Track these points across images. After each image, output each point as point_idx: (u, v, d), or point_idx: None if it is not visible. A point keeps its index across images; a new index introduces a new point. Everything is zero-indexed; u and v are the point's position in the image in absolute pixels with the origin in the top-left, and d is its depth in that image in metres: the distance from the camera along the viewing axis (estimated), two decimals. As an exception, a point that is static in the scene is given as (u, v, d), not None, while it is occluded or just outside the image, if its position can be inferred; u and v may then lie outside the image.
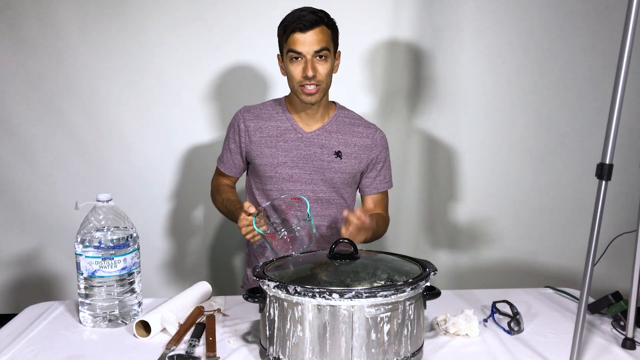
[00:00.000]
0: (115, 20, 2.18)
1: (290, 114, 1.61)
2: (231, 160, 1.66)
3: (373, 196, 1.68)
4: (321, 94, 1.53)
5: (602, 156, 1.03)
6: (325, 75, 1.50)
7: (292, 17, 1.48)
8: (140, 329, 1.23)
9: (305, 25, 1.45)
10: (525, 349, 1.18)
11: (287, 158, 1.58)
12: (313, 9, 1.49)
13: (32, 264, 2.30)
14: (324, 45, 1.48)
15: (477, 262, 2.42)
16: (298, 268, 1.19)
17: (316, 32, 1.46)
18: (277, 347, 1.07)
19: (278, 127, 1.60)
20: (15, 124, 2.22)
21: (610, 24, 2.24)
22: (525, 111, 2.35)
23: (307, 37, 1.46)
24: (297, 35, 1.46)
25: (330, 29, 1.51)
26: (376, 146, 1.64)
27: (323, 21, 1.48)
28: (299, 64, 1.48)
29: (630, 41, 0.99)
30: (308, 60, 1.47)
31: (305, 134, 1.60)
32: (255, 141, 1.60)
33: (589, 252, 1.03)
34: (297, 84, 1.51)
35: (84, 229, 1.27)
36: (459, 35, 2.26)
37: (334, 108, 1.65)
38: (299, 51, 1.47)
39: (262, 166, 1.59)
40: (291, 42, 1.47)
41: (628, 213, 1.66)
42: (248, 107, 1.65)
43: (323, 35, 1.48)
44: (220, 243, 2.37)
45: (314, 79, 1.48)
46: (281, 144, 1.59)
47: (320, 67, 1.49)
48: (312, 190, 1.60)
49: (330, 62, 1.51)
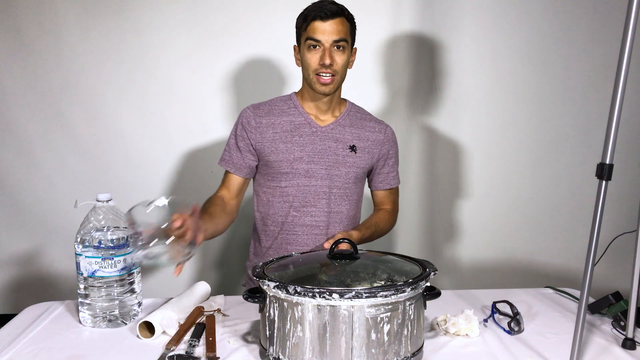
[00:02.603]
0: (115, 20, 2.18)
1: (304, 109, 1.61)
2: (241, 159, 1.60)
3: (385, 192, 1.70)
4: (335, 84, 1.54)
5: (602, 156, 1.03)
6: (341, 65, 1.52)
7: (313, 6, 1.51)
8: (144, 330, 1.23)
9: (327, 14, 1.47)
10: (526, 349, 1.18)
11: (303, 153, 1.57)
12: (333, 2, 1.51)
13: (32, 264, 2.30)
14: (342, 36, 1.49)
15: (477, 262, 2.42)
16: (298, 268, 1.19)
17: (336, 22, 1.48)
18: (277, 347, 1.07)
19: (292, 122, 1.59)
20: (15, 124, 2.22)
21: (610, 24, 2.24)
22: (525, 111, 2.35)
23: (327, 26, 1.48)
24: (317, 23, 1.48)
25: (350, 22, 1.53)
26: (388, 141, 1.66)
27: (344, 13, 1.51)
28: (317, 52, 1.50)
29: (630, 41, 0.99)
30: (326, 49, 1.49)
31: (320, 128, 1.59)
32: (268, 137, 1.57)
33: (589, 252, 1.03)
34: (313, 72, 1.51)
35: (83, 229, 1.27)
36: (460, 33, 2.26)
37: (344, 104, 1.66)
38: (317, 39, 1.48)
39: (278, 162, 1.56)
40: (311, 30, 1.49)
41: (628, 213, 1.66)
42: (257, 105, 1.64)
43: (343, 26, 1.50)
44: (220, 243, 2.36)
45: (331, 67, 1.50)
46: (296, 139, 1.58)
47: (338, 57, 1.50)
48: (328, 185, 1.58)
49: (347, 54, 1.53)
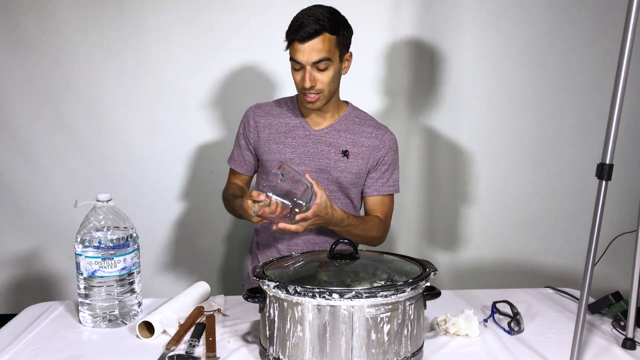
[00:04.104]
0: (115, 19, 2.17)
1: (301, 112, 1.61)
2: (241, 156, 1.67)
3: (373, 198, 1.64)
4: (323, 101, 1.52)
5: (602, 156, 1.03)
6: (326, 83, 1.48)
7: (295, 23, 1.45)
8: (144, 330, 1.23)
9: (303, 36, 1.42)
10: (526, 349, 1.18)
11: (294, 154, 1.58)
12: (318, 14, 1.44)
13: (32, 264, 2.30)
14: (323, 56, 1.44)
15: (477, 262, 2.42)
16: (298, 268, 1.19)
17: (316, 42, 1.43)
18: (277, 347, 1.07)
19: (287, 124, 1.60)
20: (15, 124, 2.22)
21: (610, 24, 2.24)
22: (525, 111, 2.35)
23: (306, 47, 1.43)
24: (297, 45, 1.44)
25: (335, 34, 1.45)
26: (383, 147, 1.61)
27: (325, 29, 1.43)
28: (299, 73, 1.48)
29: (630, 41, 0.99)
30: (307, 70, 1.45)
31: (314, 131, 1.59)
32: (264, 137, 1.60)
33: (589, 252, 1.03)
34: (299, 90, 1.52)
35: (83, 229, 1.27)
36: (459, 35, 2.26)
37: (345, 107, 1.64)
38: (298, 60, 1.45)
39: (269, 162, 1.59)
40: (292, 50, 1.47)
41: (628, 213, 1.66)
42: (259, 104, 1.66)
43: (324, 44, 1.43)
44: (221, 243, 2.36)
45: (313, 88, 1.47)
46: (289, 141, 1.59)
47: (321, 76, 1.47)
48: None
49: (333, 69, 1.48)
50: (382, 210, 1.64)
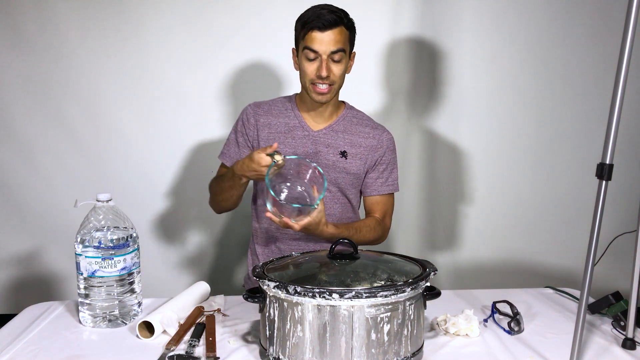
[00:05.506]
0: (114, 19, 2.17)
1: (300, 112, 1.61)
2: (239, 154, 1.64)
3: (372, 198, 1.65)
4: (332, 94, 1.53)
5: (602, 156, 1.03)
6: (339, 75, 1.50)
7: (311, 14, 1.46)
8: (144, 330, 1.23)
9: (324, 24, 1.44)
10: (526, 349, 1.18)
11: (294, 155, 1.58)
12: (333, 8, 1.48)
13: (32, 264, 2.30)
14: (340, 47, 1.47)
15: (477, 262, 2.42)
16: (298, 268, 1.19)
17: (335, 32, 1.45)
18: (277, 347, 1.07)
19: (287, 124, 1.60)
20: (15, 124, 2.22)
21: (610, 24, 2.24)
22: (525, 111, 2.35)
23: (325, 36, 1.45)
24: (315, 33, 1.45)
25: (349, 30, 1.50)
26: (381, 147, 1.62)
27: (342, 22, 1.47)
28: (314, 63, 1.48)
29: (630, 41, 0.99)
30: (323, 60, 1.46)
31: (313, 132, 1.60)
32: (263, 137, 1.60)
33: (589, 252, 1.03)
34: (309, 81, 1.51)
35: (83, 229, 1.27)
36: (460, 35, 2.26)
37: (342, 107, 1.65)
38: (315, 49, 1.46)
39: None
40: (308, 39, 1.46)
41: (628, 213, 1.66)
42: (258, 103, 1.65)
43: (341, 36, 1.47)
44: (221, 243, 2.36)
45: (328, 79, 1.48)
46: (288, 141, 1.59)
47: (335, 68, 1.49)
48: None
49: (346, 62, 1.51)
50: (382, 210, 1.65)
